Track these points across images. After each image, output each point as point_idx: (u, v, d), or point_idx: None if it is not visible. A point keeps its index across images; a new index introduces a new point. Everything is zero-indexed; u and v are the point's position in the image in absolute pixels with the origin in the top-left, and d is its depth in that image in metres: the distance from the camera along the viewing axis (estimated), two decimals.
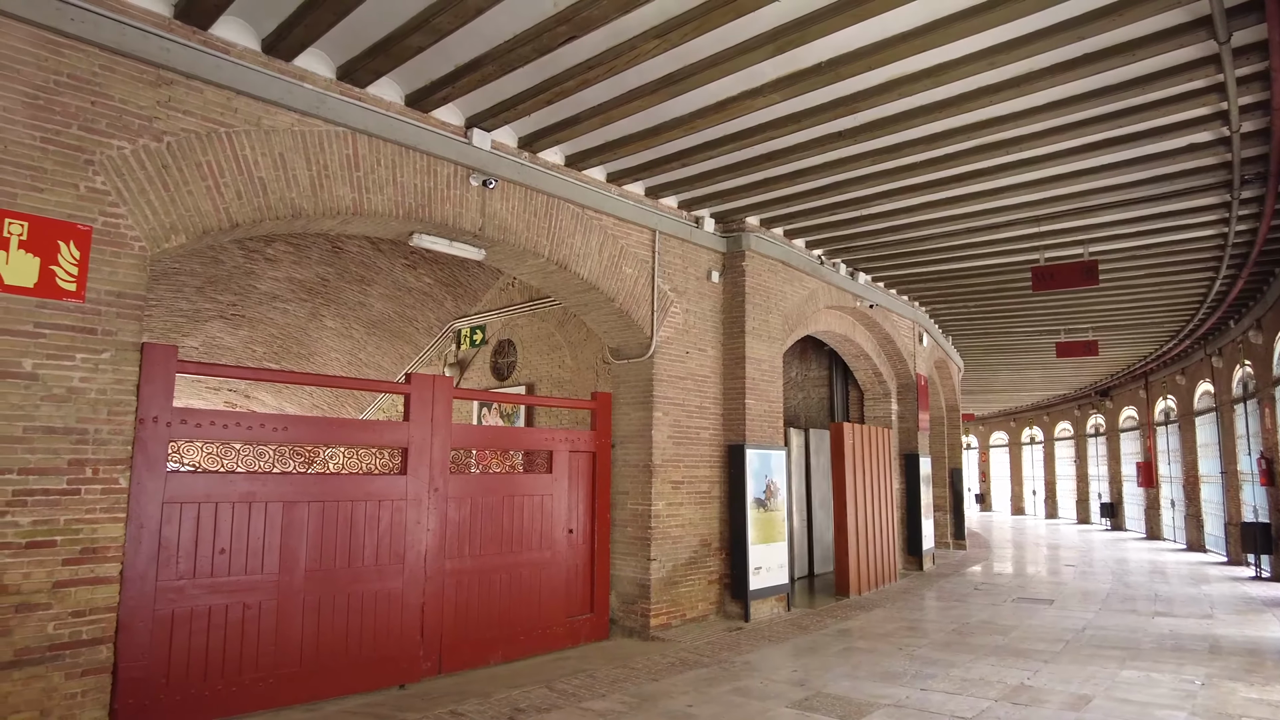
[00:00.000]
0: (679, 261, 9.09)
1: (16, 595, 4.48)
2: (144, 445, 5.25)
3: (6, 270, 4.50)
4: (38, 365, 4.61)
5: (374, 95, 6.35)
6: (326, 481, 6.32)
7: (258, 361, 16.05)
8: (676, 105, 6.66)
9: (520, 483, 7.82)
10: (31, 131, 4.68)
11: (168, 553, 5.40)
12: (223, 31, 5.55)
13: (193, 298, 13.36)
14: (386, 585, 6.53)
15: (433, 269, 12.50)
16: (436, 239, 6.98)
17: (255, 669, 5.75)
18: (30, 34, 4.70)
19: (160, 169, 5.17)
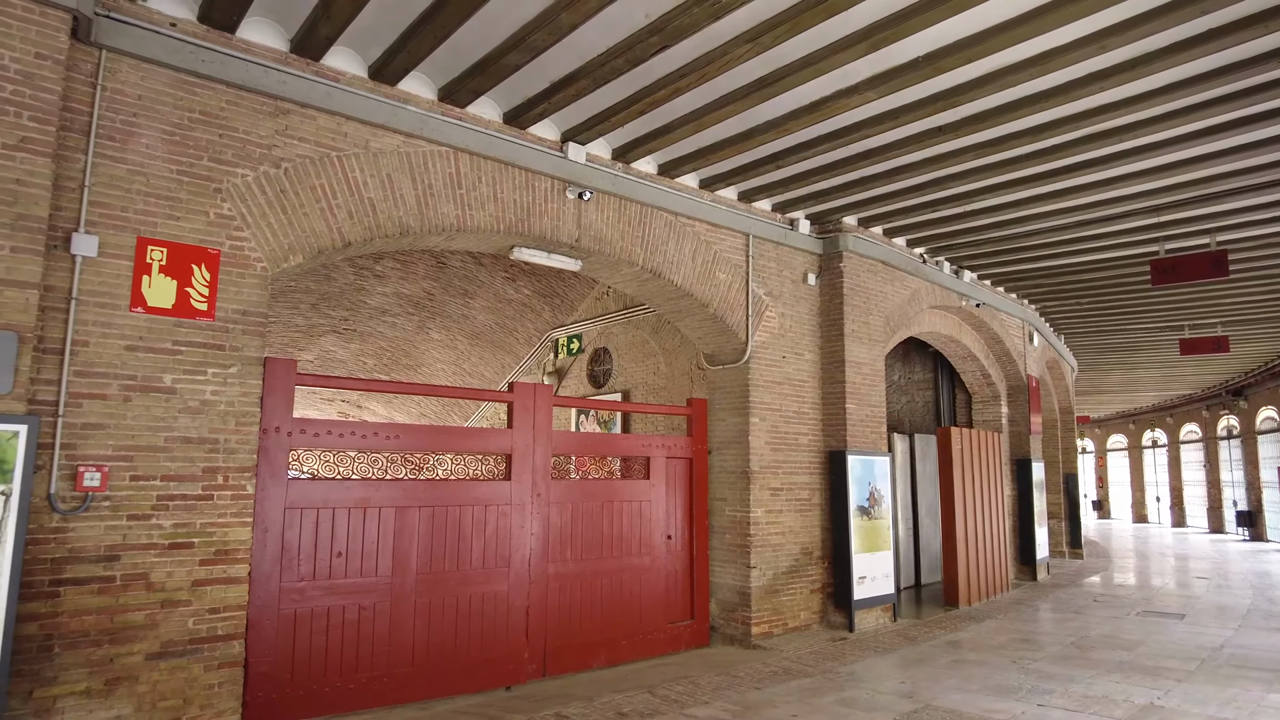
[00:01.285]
0: (774, 265, 9.01)
1: (162, 592, 4.85)
2: (267, 454, 5.59)
3: (149, 292, 4.90)
4: (176, 380, 4.99)
5: (474, 114, 6.57)
6: (436, 487, 6.57)
7: (368, 373, 16.81)
8: (769, 108, 6.62)
9: (619, 488, 7.91)
10: (169, 165, 5.09)
11: (290, 555, 5.72)
12: (333, 61, 5.86)
13: (307, 314, 14.13)
14: (493, 588, 6.72)
15: (531, 281, 12.80)
16: (535, 251, 7.16)
17: (370, 668, 6.02)
18: (170, 77, 5.12)
19: (279, 193, 5.51)
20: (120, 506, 4.77)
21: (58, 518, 4.58)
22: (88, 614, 4.63)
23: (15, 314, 4.33)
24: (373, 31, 5.58)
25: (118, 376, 4.82)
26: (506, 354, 15.08)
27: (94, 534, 4.69)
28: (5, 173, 4.36)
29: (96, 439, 4.73)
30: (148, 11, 5.12)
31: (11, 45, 4.41)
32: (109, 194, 4.89)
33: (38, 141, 4.47)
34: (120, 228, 4.91)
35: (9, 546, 4.16)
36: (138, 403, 4.86)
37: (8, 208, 4.35)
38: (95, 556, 4.68)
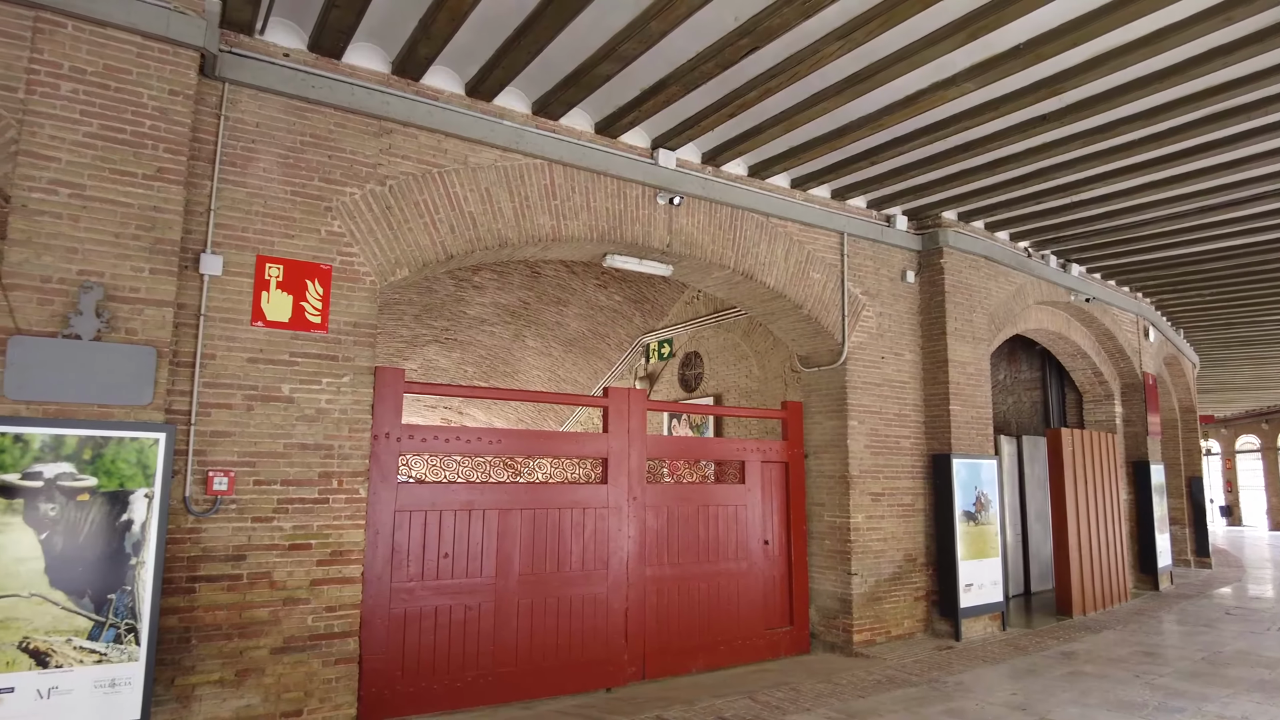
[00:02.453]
0: (870, 263, 8.82)
1: (284, 590, 5.14)
2: (378, 459, 5.85)
3: (268, 308, 5.21)
4: (294, 390, 5.28)
5: (566, 126, 6.71)
6: (536, 490, 6.72)
7: (469, 380, 17.34)
8: (862, 104, 6.50)
9: (713, 493, 7.89)
10: (284, 186, 5.40)
11: (400, 556, 5.96)
12: (432, 80, 6.10)
13: (411, 325, 14.69)
14: (592, 590, 6.81)
15: (622, 287, 12.94)
16: (627, 258, 7.24)
17: (476, 667, 6.20)
18: (283, 104, 5.44)
19: (384, 210, 5.77)
20: (245, 509, 5.08)
21: (192, 519, 4.92)
22: (219, 609, 4.96)
23: (154, 330, 4.68)
24: (469, 50, 5.78)
25: (241, 387, 5.14)
26: (599, 359, 15.27)
27: (223, 535, 5.01)
28: (144, 201, 4.72)
29: (224, 446, 5.06)
30: (264, 45, 5.46)
31: (150, 84, 4.79)
32: (231, 216, 5.23)
33: (171, 171, 4.83)
34: (241, 247, 5.24)
35: (153, 545, 4.49)
36: (259, 411, 5.17)
37: (146, 232, 4.71)
38: (224, 556, 5.00)
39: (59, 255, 4.49)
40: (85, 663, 4.29)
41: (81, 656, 4.29)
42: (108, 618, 4.37)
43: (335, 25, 5.30)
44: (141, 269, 4.68)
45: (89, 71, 4.66)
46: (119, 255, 4.64)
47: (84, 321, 4.46)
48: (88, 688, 4.29)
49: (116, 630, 4.38)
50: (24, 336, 4.35)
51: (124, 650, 4.38)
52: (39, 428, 4.29)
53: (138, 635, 4.42)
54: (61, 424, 4.35)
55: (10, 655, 4.13)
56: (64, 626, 4.27)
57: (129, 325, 4.62)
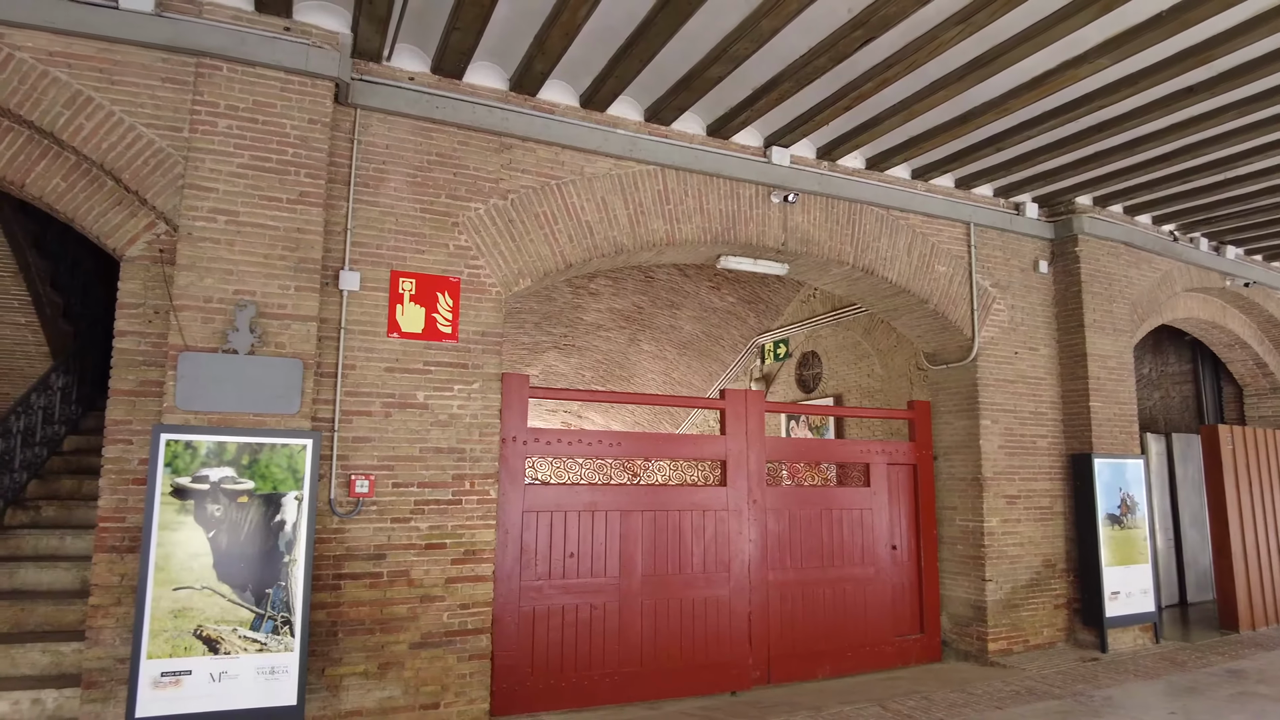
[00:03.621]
0: (999, 254, 8.41)
1: (420, 588, 5.40)
2: (507, 461, 6.06)
3: (403, 320, 5.51)
4: (428, 396, 5.55)
5: (678, 130, 6.75)
6: (656, 492, 6.78)
7: (587, 385, 17.69)
8: (985, 89, 6.22)
9: (837, 496, 7.72)
10: (414, 204, 5.69)
11: (528, 556, 6.15)
12: (548, 95, 6.27)
13: (531, 332, 15.14)
14: (714, 592, 6.81)
15: (735, 288, 12.88)
16: (742, 259, 7.21)
17: (602, 666, 6.31)
18: (411, 125, 5.74)
19: (507, 223, 5.98)
20: (385, 510, 5.38)
21: (336, 520, 5.25)
22: (362, 605, 5.27)
23: (300, 344, 5.04)
24: (582, 62, 5.91)
25: (379, 395, 5.45)
26: (713, 361, 15.25)
27: (365, 535, 5.32)
28: (289, 223, 5.09)
29: (364, 451, 5.38)
30: (391, 70, 5.78)
31: (291, 115, 5.16)
32: (366, 234, 5.56)
33: (312, 194, 5.18)
34: (376, 263, 5.56)
35: (303, 544, 4.83)
36: (396, 418, 5.47)
37: (291, 253, 5.08)
38: (366, 554, 5.31)
39: (218, 277, 4.91)
40: (249, 651, 4.65)
41: (245, 645, 4.65)
42: (266, 610, 4.73)
43: (456, 47, 5.54)
44: (288, 287, 5.05)
45: (240, 108, 5.07)
46: (268, 275, 5.02)
47: (240, 337, 4.85)
48: (251, 674, 4.65)
49: (274, 622, 4.73)
50: (191, 352, 4.77)
51: (281, 641, 4.73)
52: (205, 435, 4.70)
53: (292, 628, 4.76)
54: (223, 432, 4.74)
55: (187, 641, 4.53)
56: (230, 617, 4.65)
57: (278, 340, 4.99)
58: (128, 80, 4.95)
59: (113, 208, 5.11)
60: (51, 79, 4.81)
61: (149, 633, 4.47)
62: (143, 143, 4.94)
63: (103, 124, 4.89)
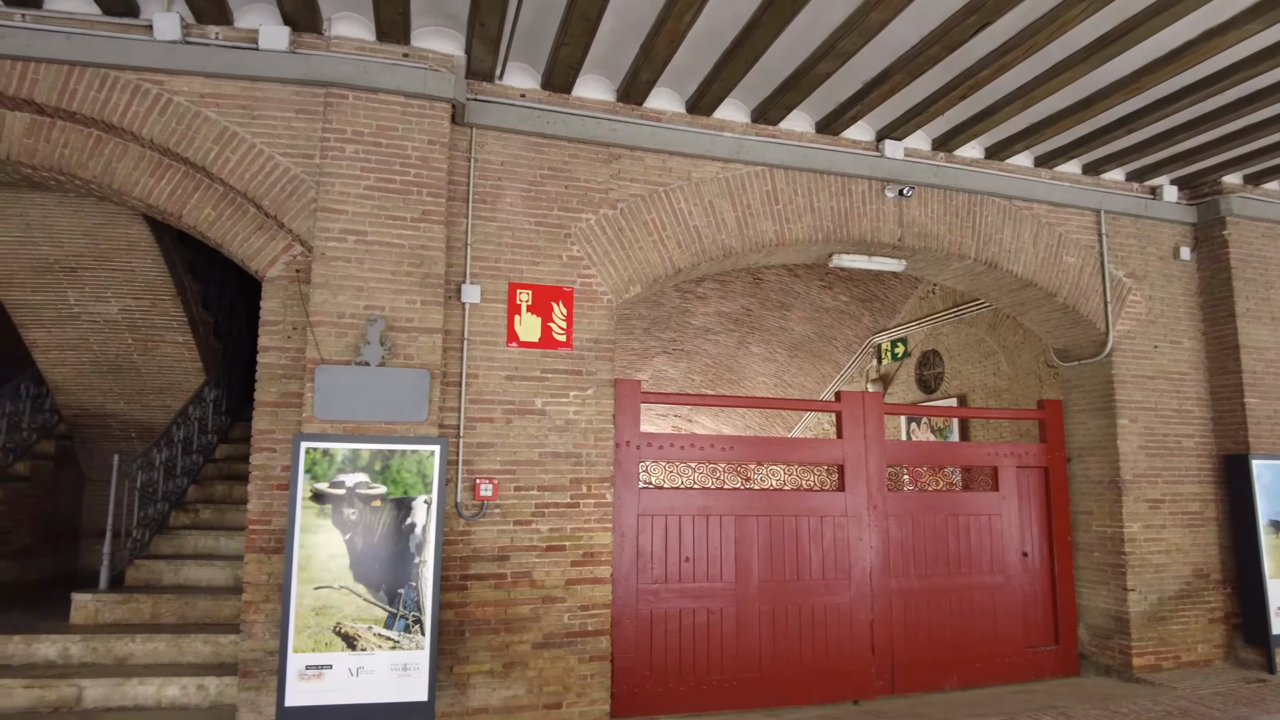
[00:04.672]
0: (1134, 242, 7.87)
1: (542, 589, 5.55)
2: (621, 465, 6.14)
3: (520, 329, 5.69)
4: (546, 403, 5.71)
5: (786, 129, 6.68)
6: (771, 497, 6.72)
7: (696, 389, 17.69)
8: (1114, 68, 5.85)
9: (962, 501, 7.42)
10: (528, 218, 5.88)
11: (644, 559, 6.21)
12: (654, 103, 6.34)
13: (641, 337, 15.28)
14: (834, 599, 6.67)
15: (848, 287, 12.58)
16: (855, 257, 7.05)
17: (720, 671, 6.29)
18: (524, 141, 5.93)
19: (617, 232, 6.07)
20: (508, 513, 5.56)
21: (463, 522, 5.46)
22: (487, 605, 5.46)
23: (427, 355, 5.29)
24: (688, 68, 5.94)
25: (500, 402, 5.64)
26: (826, 363, 14.94)
27: (489, 537, 5.52)
28: (413, 241, 5.35)
29: (487, 456, 5.58)
30: (504, 89, 5.98)
31: (412, 137, 5.43)
32: (484, 249, 5.77)
33: (434, 213, 5.43)
34: (495, 276, 5.76)
35: (432, 545, 5.06)
36: (516, 424, 5.64)
37: (416, 269, 5.34)
38: (491, 556, 5.50)
39: (349, 294, 5.21)
40: (383, 648, 4.91)
41: (380, 642, 4.91)
42: (398, 609, 4.97)
43: (565, 62, 5.68)
44: (414, 301, 5.31)
45: (365, 133, 5.38)
46: (395, 290, 5.29)
47: (371, 350, 5.13)
48: (386, 669, 4.90)
49: (406, 621, 4.97)
50: (327, 365, 5.09)
51: (412, 639, 4.96)
52: (340, 443, 5.00)
53: (422, 626, 4.99)
54: (357, 439, 5.03)
55: (328, 638, 4.82)
56: (365, 615, 4.91)
57: (406, 351, 5.25)
58: (267, 114, 5.35)
59: (255, 232, 5.52)
60: (203, 118, 5.25)
61: (294, 628, 4.78)
62: (280, 171, 5.32)
63: (246, 156, 5.29)
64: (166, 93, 5.23)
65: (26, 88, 5.09)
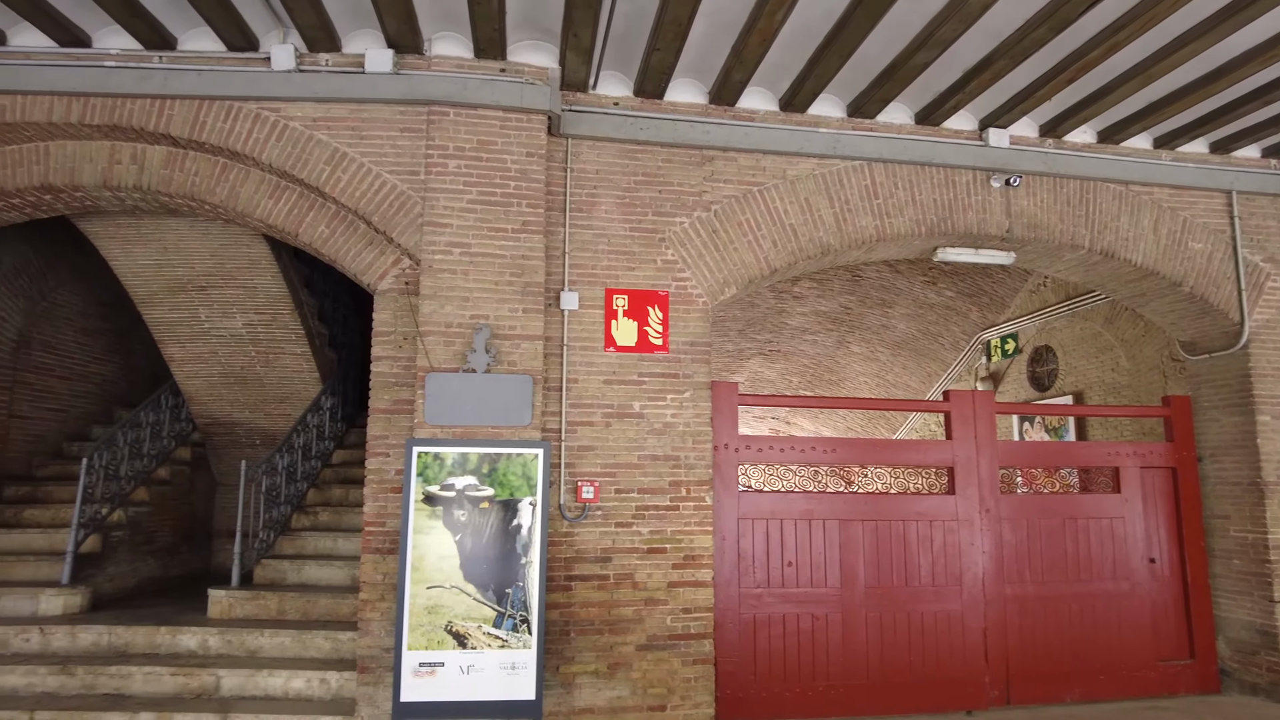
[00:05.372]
0: (1272, 224, 7.28)
1: (644, 591, 5.59)
2: (720, 468, 6.12)
3: (617, 334, 5.76)
4: (643, 406, 5.76)
5: (884, 122, 6.52)
6: (877, 501, 6.55)
7: (794, 390, 17.44)
8: (1244, 36, 5.44)
9: (1081, 504, 7.04)
10: (623, 224, 5.95)
11: (745, 563, 6.17)
12: (747, 103, 6.30)
13: (735, 339, 15.18)
14: (945, 606, 6.45)
15: (952, 281, 12.15)
16: (960, 250, 6.80)
17: (826, 677, 6.18)
18: (617, 149, 6.01)
19: (711, 234, 6.07)
20: (609, 515, 5.63)
21: (566, 524, 5.57)
22: (591, 606, 5.54)
23: (529, 361, 5.42)
24: (780, 66, 5.88)
25: (600, 406, 5.72)
26: (931, 361, 14.46)
27: (591, 538, 5.60)
28: (514, 251, 5.50)
29: (588, 459, 5.67)
30: (597, 98, 6.07)
31: (512, 150, 5.59)
32: (581, 256, 5.87)
33: (533, 223, 5.57)
34: (592, 283, 5.85)
35: (538, 546, 5.17)
36: (616, 427, 5.71)
37: (517, 278, 5.48)
38: (594, 557, 5.58)
39: (456, 304, 5.40)
40: (492, 647, 5.04)
41: (489, 641, 5.05)
42: (506, 609, 5.11)
43: (657, 68, 5.72)
44: (516, 309, 5.45)
45: (467, 148, 5.57)
46: (498, 299, 5.45)
47: (477, 357, 5.30)
48: (495, 668, 5.03)
49: (514, 620, 5.09)
50: (436, 373, 5.29)
51: (520, 638, 5.08)
52: (450, 447, 5.18)
53: (529, 626, 5.10)
54: (466, 443, 5.20)
55: (440, 636, 5.00)
56: (475, 615, 5.07)
57: (510, 358, 5.40)
58: (373, 134, 5.61)
59: (366, 248, 5.79)
60: (316, 141, 5.56)
61: (408, 626, 4.98)
62: (388, 188, 5.57)
63: (355, 175, 5.56)
64: (283, 119, 5.56)
65: (164, 123, 5.52)
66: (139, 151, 5.78)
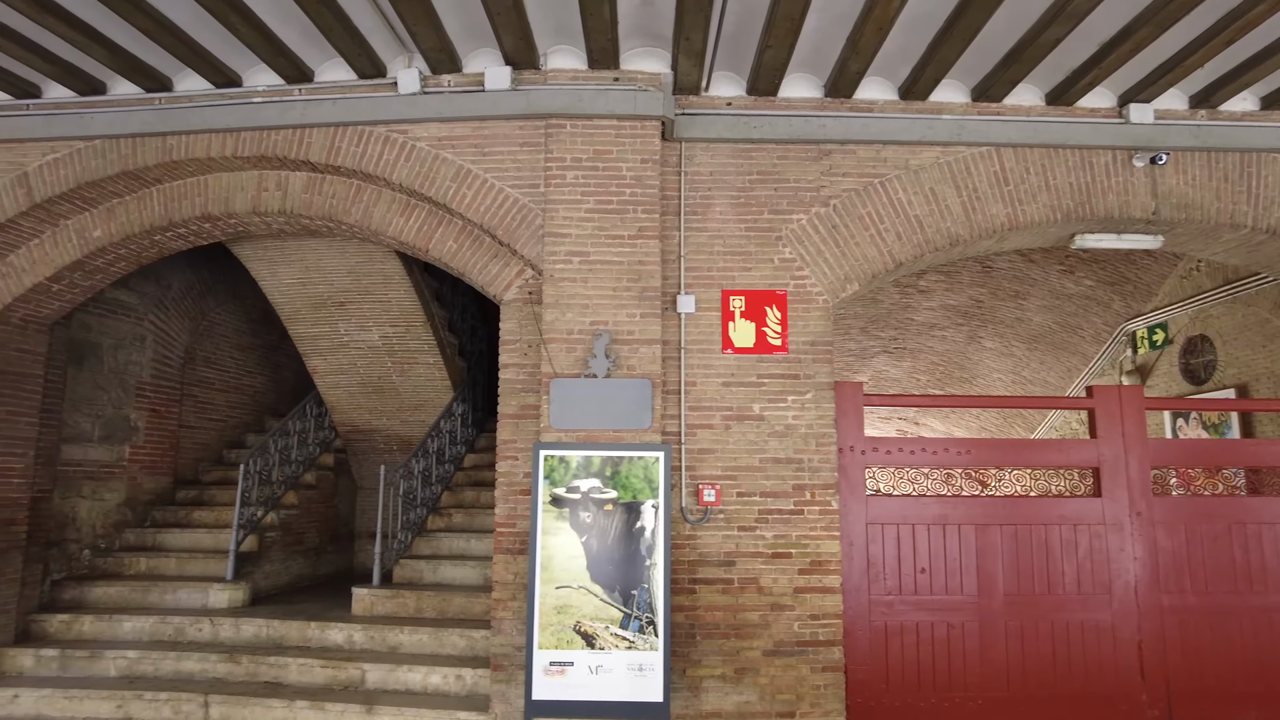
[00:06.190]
0: None
1: (770, 596, 5.52)
2: (846, 472, 5.97)
3: (735, 336, 5.72)
4: (763, 408, 5.69)
5: (1011, 105, 6.19)
6: (1015, 504, 6.21)
7: (921, 389, 16.80)
8: None
9: (1251, 507, 6.42)
10: (738, 224, 5.90)
11: (875, 569, 5.98)
12: (864, 94, 6.12)
13: (858, 337, 14.78)
14: (1092, 616, 6.04)
15: (1092, 269, 11.39)
16: (1101, 235, 6.37)
17: (964, 688, 5.90)
18: (731, 149, 5.98)
19: (830, 229, 5.93)
20: (731, 519, 5.60)
21: (688, 527, 5.57)
22: (716, 610, 5.51)
23: (648, 365, 5.47)
24: (899, 54, 5.68)
25: (718, 408, 5.70)
26: (1071, 355, 13.59)
27: (714, 542, 5.58)
28: (631, 257, 5.57)
29: (708, 462, 5.65)
30: (710, 100, 6.06)
31: (626, 158, 5.67)
32: (697, 259, 5.87)
33: (649, 228, 5.62)
34: (708, 285, 5.84)
35: (661, 548, 5.20)
36: (735, 430, 5.67)
37: (634, 283, 5.54)
38: (717, 561, 5.56)
39: (576, 311, 5.52)
40: (619, 647, 5.11)
41: (616, 642, 5.12)
42: (632, 610, 5.16)
43: (770, 64, 5.65)
44: (634, 314, 5.51)
45: (584, 158, 5.68)
46: (617, 305, 5.53)
47: (598, 363, 5.40)
48: (622, 669, 5.09)
49: (640, 622, 5.14)
50: (560, 379, 5.42)
51: (646, 640, 5.12)
52: (574, 451, 5.29)
53: (655, 628, 5.13)
54: (589, 447, 5.30)
55: (569, 635, 5.11)
56: (602, 615, 5.15)
57: (629, 363, 5.46)
58: (495, 150, 5.81)
59: (491, 260, 6.00)
60: (441, 160, 5.81)
61: (538, 626, 5.11)
62: (510, 202, 5.75)
63: (479, 190, 5.78)
64: (410, 140, 5.85)
65: (303, 150, 5.93)
66: (282, 178, 6.22)
